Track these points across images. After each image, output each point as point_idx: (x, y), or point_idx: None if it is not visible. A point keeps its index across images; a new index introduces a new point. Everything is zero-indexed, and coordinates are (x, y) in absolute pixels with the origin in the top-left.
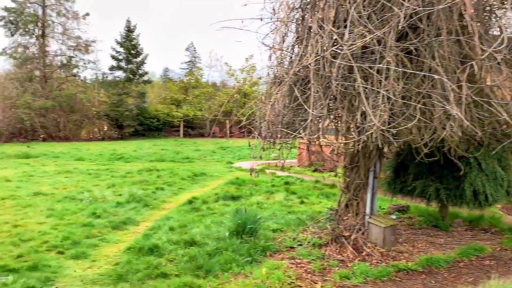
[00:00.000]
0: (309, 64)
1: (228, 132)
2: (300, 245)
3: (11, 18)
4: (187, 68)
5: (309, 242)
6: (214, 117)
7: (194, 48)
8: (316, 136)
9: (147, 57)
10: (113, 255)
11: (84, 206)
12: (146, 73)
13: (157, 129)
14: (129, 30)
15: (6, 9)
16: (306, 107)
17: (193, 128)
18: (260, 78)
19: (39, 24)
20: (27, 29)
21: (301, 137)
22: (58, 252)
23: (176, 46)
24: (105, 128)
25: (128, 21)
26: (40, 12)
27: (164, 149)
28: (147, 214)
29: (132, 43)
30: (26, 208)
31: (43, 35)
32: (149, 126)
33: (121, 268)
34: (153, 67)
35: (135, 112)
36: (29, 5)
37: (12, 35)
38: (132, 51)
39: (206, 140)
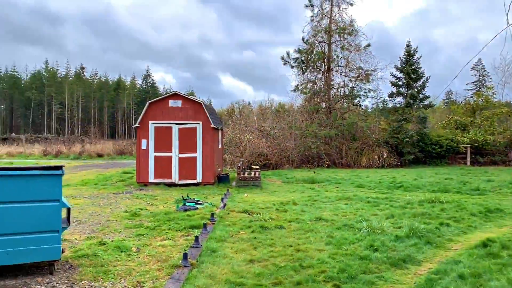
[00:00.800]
0: None
1: None
2: None
3: (303, 58)
4: (474, 89)
5: None
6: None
7: (483, 65)
8: None
9: (428, 80)
10: None
11: (362, 236)
12: (427, 97)
13: (439, 156)
14: (409, 54)
15: (299, 51)
16: None
17: (483, 155)
18: None
19: (325, 60)
20: (315, 66)
21: None
22: (334, 285)
23: (459, 66)
24: (385, 155)
25: (408, 45)
26: (326, 49)
27: (448, 179)
28: (430, 253)
29: (413, 67)
30: (308, 233)
31: (329, 70)
32: (431, 153)
33: None
34: (434, 90)
35: (415, 139)
36: (317, 44)
37: (303, 73)
38: (412, 76)
39: (501, 169)
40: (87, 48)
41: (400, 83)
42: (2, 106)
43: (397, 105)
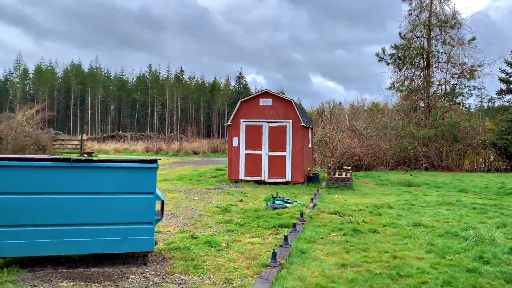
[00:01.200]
0: None
1: None
2: None
3: (399, 55)
4: None
5: None
6: None
7: None
8: None
9: None
10: None
11: (469, 246)
12: None
13: None
14: None
15: (396, 47)
16: None
17: None
18: None
19: (424, 55)
20: (413, 63)
21: None
22: None
23: None
24: (491, 158)
25: None
26: (425, 44)
27: None
28: None
29: None
30: (405, 239)
31: (428, 66)
32: None
33: None
34: None
35: None
36: (415, 39)
37: (400, 69)
38: None
39: None
40: (186, 52)
41: (511, 79)
42: (112, 107)
43: (507, 104)
